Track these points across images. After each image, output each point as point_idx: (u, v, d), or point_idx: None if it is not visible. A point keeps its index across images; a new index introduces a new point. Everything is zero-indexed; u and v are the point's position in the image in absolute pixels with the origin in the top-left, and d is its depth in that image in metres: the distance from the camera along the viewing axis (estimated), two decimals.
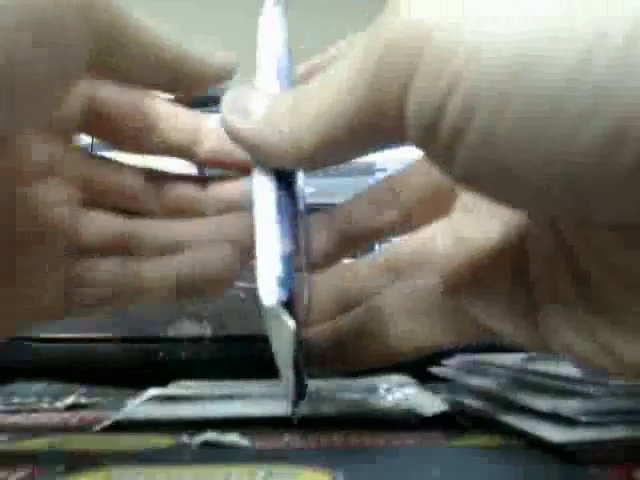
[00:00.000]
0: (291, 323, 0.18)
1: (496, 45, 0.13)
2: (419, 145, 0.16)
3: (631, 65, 0.12)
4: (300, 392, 0.20)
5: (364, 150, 0.18)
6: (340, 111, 0.17)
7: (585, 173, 0.13)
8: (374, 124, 0.16)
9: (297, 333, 0.19)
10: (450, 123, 0.14)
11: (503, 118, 0.13)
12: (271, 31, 0.22)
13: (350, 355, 0.25)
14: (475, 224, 0.22)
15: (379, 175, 0.25)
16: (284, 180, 0.20)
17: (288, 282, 0.18)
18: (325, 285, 0.26)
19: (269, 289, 0.18)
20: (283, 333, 0.19)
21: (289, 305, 0.18)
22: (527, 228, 0.19)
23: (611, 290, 0.17)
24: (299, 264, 0.21)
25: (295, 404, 0.21)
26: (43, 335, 0.40)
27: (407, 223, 0.24)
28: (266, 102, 0.19)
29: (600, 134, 0.12)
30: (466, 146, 0.14)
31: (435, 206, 0.24)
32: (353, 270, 0.26)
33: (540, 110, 0.13)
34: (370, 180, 0.25)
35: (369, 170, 0.42)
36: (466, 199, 0.23)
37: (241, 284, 0.40)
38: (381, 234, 0.25)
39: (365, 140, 0.17)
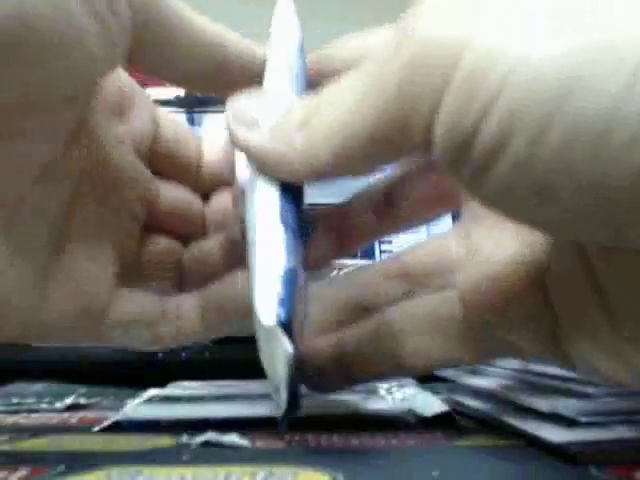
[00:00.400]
0: (289, 347, 0.17)
1: (533, 68, 0.12)
2: (447, 166, 0.15)
3: None
4: (293, 403, 0.19)
5: (380, 164, 0.18)
6: (356, 129, 0.16)
7: (633, 198, 0.12)
8: (394, 143, 0.15)
9: (294, 356, 0.18)
10: (484, 146, 0.13)
11: (544, 143, 0.12)
12: (284, 29, 0.22)
13: (353, 372, 0.23)
14: (488, 236, 0.21)
15: (379, 175, 0.25)
16: (289, 190, 0.19)
17: (289, 302, 0.18)
18: (331, 292, 0.25)
19: (269, 307, 0.17)
20: (278, 353, 0.18)
21: (288, 326, 0.17)
22: (547, 243, 0.19)
23: (636, 311, 0.16)
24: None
25: (286, 417, 0.19)
26: None
27: (405, 224, 0.24)
28: (275, 112, 0.19)
29: None
30: (500, 170, 0.13)
31: (436, 206, 0.24)
32: (363, 277, 0.25)
33: (585, 135, 0.12)
34: (370, 180, 0.25)
35: None
36: (475, 209, 0.22)
37: None
38: (378, 236, 0.25)
39: (382, 157, 0.17)
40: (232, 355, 0.40)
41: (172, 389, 0.35)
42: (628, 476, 0.18)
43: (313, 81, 0.21)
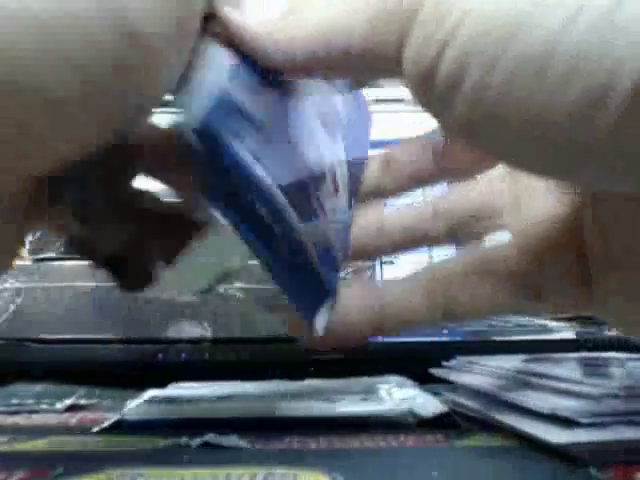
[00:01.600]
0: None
1: (485, 11, 0.14)
2: (416, 93, 0.16)
3: (613, 30, 0.12)
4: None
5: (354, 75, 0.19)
6: (336, 42, 0.17)
7: (569, 131, 0.14)
8: (370, 61, 0.17)
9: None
10: (445, 74, 0.15)
11: (494, 74, 0.14)
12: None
13: (385, 321, 0.22)
14: (530, 191, 0.22)
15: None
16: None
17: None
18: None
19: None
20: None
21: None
22: (582, 202, 0.20)
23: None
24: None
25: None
26: (43, 336, 0.40)
27: (449, 173, 0.24)
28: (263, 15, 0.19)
29: (581, 94, 0.13)
30: (461, 98, 0.15)
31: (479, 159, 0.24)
32: (408, 218, 0.25)
33: (527, 69, 0.14)
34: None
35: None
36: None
37: (240, 285, 0.40)
38: (421, 182, 0.25)
39: (359, 71, 0.18)
40: (232, 355, 0.40)
41: (172, 389, 0.35)
42: (628, 476, 0.18)
43: None
